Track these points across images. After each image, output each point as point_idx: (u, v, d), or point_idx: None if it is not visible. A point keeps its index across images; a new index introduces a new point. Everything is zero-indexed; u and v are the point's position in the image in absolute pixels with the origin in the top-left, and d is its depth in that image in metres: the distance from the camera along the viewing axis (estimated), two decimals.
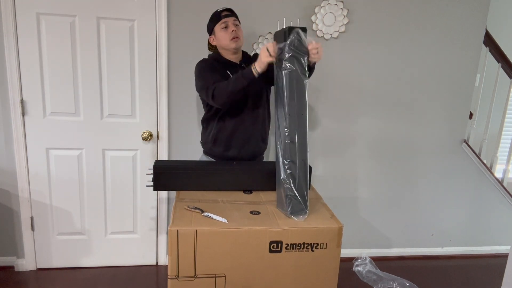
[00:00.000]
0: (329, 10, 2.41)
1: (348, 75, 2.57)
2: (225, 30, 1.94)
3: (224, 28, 1.94)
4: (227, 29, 1.93)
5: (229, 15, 1.95)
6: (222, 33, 1.95)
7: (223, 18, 1.94)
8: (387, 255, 2.94)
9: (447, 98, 2.72)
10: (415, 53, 2.60)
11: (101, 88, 2.35)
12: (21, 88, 2.28)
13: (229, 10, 1.98)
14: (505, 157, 3.11)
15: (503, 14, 3.46)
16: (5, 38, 2.19)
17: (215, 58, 2.01)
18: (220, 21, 1.94)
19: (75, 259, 2.57)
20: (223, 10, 1.97)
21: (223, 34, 1.94)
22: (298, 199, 1.61)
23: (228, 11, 1.97)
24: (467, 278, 2.71)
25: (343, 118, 2.63)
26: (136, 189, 2.53)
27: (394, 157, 2.76)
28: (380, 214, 2.86)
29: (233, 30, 1.93)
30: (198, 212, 1.60)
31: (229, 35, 1.93)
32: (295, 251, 1.54)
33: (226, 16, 1.94)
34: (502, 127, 2.96)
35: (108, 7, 2.24)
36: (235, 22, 1.96)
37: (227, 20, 1.94)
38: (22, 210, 2.43)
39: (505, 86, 2.96)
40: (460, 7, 2.56)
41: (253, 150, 2.06)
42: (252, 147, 2.05)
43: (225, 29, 1.93)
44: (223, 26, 1.93)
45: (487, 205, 2.97)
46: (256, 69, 1.71)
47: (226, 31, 1.93)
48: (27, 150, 2.36)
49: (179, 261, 1.48)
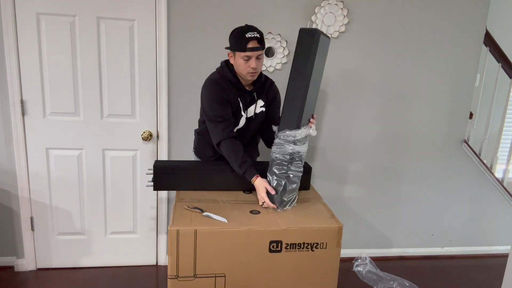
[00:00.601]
0: (329, 10, 2.41)
1: (348, 75, 2.57)
2: (244, 62, 1.76)
3: (245, 60, 1.76)
4: (248, 62, 1.76)
5: (255, 49, 1.73)
6: (241, 61, 1.77)
7: (248, 52, 1.73)
8: (387, 255, 2.94)
9: (447, 98, 2.72)
10: (415, 53, 2.60)
11: (101, 88, 2.35)
12: (21, 88, 2.28)
13: (257, 39, 1.73)
14: (505, 157, 3.11)
15: (503, 14, 3.46)
16: (5, 38, 2.19)
17: (228, 77, 1.85)
18: (243, 52, 1.73)
19: (75, 259, 2.57)
20: (251, 38, 1.71)
21: (241, 64, 1.77)
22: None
23: (255, 41, 1.72)
24: (467, 278, 2.71)
25: (343, 117, 2.63)
26: (136, 189, 2.53)
27: (394, 157, 2.76)
28: (380, 214, 2.86)
29: (253, 67, 1.76)
30: (198, 212, 1.60)
31: (248, 69, 1.78)
32: (295, 251, 1.54)
33: (252, 50, 1.73)
34: (502, 127, 2.96)
35: (108, 7, 2.24)
36: (260, 56, 1.77)
37: (251, 55, 1.74)
38: (22, 210, 2.43)
39: (505, 86, 2.96)
40: (460, 7, 2.56)
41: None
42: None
43: (246, 61, 1.76)
44: (246, 58, 1.75)
45: (487, 205, 2.97)
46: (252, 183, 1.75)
47: (245, 63, 1.76)
48: (27, 150, 2.36)
49: (179, 261, 1.48)
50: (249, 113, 1.94)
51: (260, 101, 1.96)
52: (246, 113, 1.93)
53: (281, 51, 2.43)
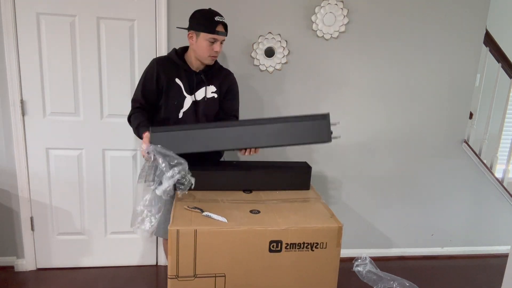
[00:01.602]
0: (329, 10, 2.41)
1: (348, 75, 2.57)
2: (209, 44, 1.81)
3: (209, 42, 1.80)
4: (213, 45, 1.81)
5: (223, 33, 1.82)
6: (205, 44, 1.81)
7: (216, 34, 1.79)
8: (387, 255, 2.94)
9: (447, 98, 2.72)
10: (415, 53, 2.60)
11: (101, 88, 2.35)
12: (21, 88, 2.28)
13: (224, 24, 1.82)
14: (505, 157, 3.11)
15: (503, 14, 3.46)
16: (5, 38, 2.19)
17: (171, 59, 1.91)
18: (211, 34, 1.79)
19: (75, 259, 2.56)
20: (219, 22, 1.79)
21: (205, 46, 1.81)
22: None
23: (222, 26, 1.82)
24: (467, 278, 2.71)
25: (343, 118, 2.63)
26: (136, 189, 2.53)
27: (394, 157, 2.76)
28: (380, 214, 2.86)
29: (217, 51, 1.82)
30: (198, 211, 1.60)
31: (211, 52, 1.83)
32: (295, 250, 1.54)
33: (220, 34, 1.80)
34: (502, 127, 2.96)
35: (108, 7, 2.24)
36: (223, 42, 1.85)
37: (218, 38, 1.80)
38: (22, 210, 2.42)
39: (505, 86, 2.95)
40: (460, 7, 2.56)
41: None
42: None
43: (210, 44, 1.81)
44: (212, 40, 1.80)
45: (487, 205, 2.97)
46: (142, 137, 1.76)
47: (209, 45, 1.81)
48: (27, 150, 2.36)
49: (179, 261, 1.48)
50: (198, 96, 1.94)
51: (212, 87, 1.96)
52: (194, 96, 1.92)
53: (281, 51, 2.43)
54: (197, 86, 1.93)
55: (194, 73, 1.92)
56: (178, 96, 1.92)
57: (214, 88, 1.96)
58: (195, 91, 1.93)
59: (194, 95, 1.93)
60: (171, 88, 1.91)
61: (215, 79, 1.96)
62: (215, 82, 1.96)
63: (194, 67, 1.92)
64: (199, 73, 1.92)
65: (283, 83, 2.52)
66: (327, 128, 1.67)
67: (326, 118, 1.67)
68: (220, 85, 1.98)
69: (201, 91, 1.94)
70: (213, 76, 1.96)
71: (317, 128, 1.66)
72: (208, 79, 1.94)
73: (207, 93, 1.95)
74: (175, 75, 1.91)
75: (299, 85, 2.53)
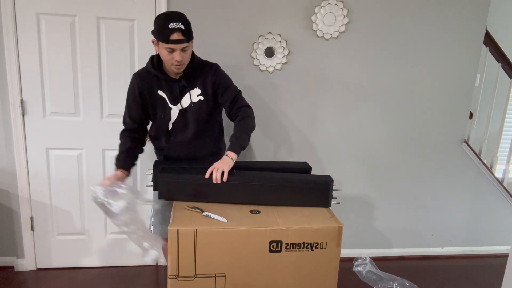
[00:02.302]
0: (329, 10, 2.41)
1: (348, 75, 2.57)
2: (169, 53, 1.67)
3: (169, 52, 1.66)
4: (172, 53, 1.67)
5: (179, 41, 1.62)
6: (164, 52, 1.67)
7: (171, 44, 1.63)
8: (387, 255, 2.94)
9: (447, 98, 2.72)
10: (415, 53, 2.60)
11: (101, 88, 2.35)
12: (21, 88, 2.28)
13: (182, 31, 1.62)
14: (505, 157, 3.11)
15: (503, 14, 3.46)
16: (5, 38, 2.19)
17: (148, 69, 1.81)
18: (166, 43, 1.63)
19: (75, 259, 2.56)
20: (174, 30, 1.60)
21: (165, 55, 1.68)
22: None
23: (179, 34, 1.61)
24: (467, 278, 2.71)
25: (343, 118, 2.63)
26: (136, 189, 2.52)
27: (394, 156, 2.76)
28: (380, 214, 2.86)
29: (178, 60, 1.67)
30: (198, 211, 1.60)
31: (172, 61, 1.69)
32: (295, 250, 1.54)
33: (176, 42, 1.62)
34: (502, 127, 2.96)
35: (108, 7, 2.24)
36: (185, 49, 1.67)
37: (174, 47, 1.64)
38: (22, 210, 2.42)
39: (505, 86, 2.95)
40: (460, 7, 2.56)
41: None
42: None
43: (169, 53, 1.67)
44: (169, 50, 1.66)
45: (487, 205, 2.97)
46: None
47: (169, 54, 1.67)
48: (27, 150, 2.36)
49: (179, 261, 1.48)
50: (184, 104, 1.84)
51: (197, 89, 1.84)
52: (180, 104, 1.84)
53: (281, 51, 2.43)
54: (181, 94, 1.83)
55: (175, 81, 1.81)
56: (164, 109, 1.85)
57: (198, 91, 1.85)
58: (180, 100, 1.84)
59: (180, 104, 1.84)
60: (156, 101, 1.84)
61: (197, 80, 1.84)
62: (198, 83, 1.85)
63: (173, 74, 1.81)
64: (179, 80, 1.81)
65: (283, 83, 2.52)
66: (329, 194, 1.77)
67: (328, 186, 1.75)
68: (204, 85, 1.85)
69: (186, 98, 1.84)
70: (195, 78, 1.84)
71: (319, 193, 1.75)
72: (190, 83, 1.83)
73: (192, 98, 1.85)
74: (157, 87, 1.82)
75: (299, 85, 2.53)
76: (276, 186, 1.72)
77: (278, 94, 2.53)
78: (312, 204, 1.75)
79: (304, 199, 1.74)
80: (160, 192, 1.73)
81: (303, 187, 1.73)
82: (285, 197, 1.73)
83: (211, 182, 1.69)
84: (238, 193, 1.71)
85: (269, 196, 1.72)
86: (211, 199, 1.72)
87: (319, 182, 1.74)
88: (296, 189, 1.72)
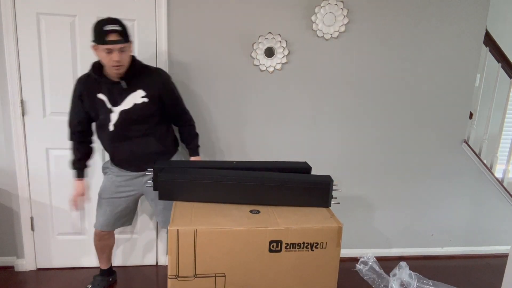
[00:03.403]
0: (329, 10, 2.41)
1: (348, 75, 2.57)
2: (107, 54, 1.74)
3: (107, 53, 1.74)
4: (110, 54, 1.74)
5: (116, 41, 1.71)
6: (103, 54, 1.75)
7: (108, 44, 1.71)
8: (387, 255, 2.94)
9: (447, 98, 2.72)
10: (415, 53, 2.60)
11: None
12: (21, 88, 2.28)
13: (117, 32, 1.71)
14: (505, 157, 3.11)
15: (503, 14, 3.46)
16: (5, 38, 2.19)
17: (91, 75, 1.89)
18: (104, 44, 1.71)
19: (75, 259, 2.56)
20: (110, 31, 1.69)
21: (104, 57, 1.76)
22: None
23: (116, 35, 1.70)
24: (467, 278, 2.71)
25: (343, 118, 2.63)
26: None
27: (394, 157, 2.76)
28: (380, 214, 2.86)
29: (116, 60, 1.73)
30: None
31: (111, 62, 1.75)
32: (295, 250, 1.54)
33: (112, 43, 1.71)
34: (502, 127, 2.96)
35: (108, 7, 2.24)
36: (123, 48, 1.75)
37: (111, 48, 1.72)
38: (22, 210, 2.43)
39: (505, 86, 2.96)
40: (460, 7, 2.56)
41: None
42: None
43: (108, 54, 1.74)
44: (107, 51, 1.73)
45: (487, 205, 2.97)
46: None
47: (107, 55, 1.74)
48: (27, 150, 2.36)
49: (179, 261, 1.48)
50: (127, 105, 1.90)
51: (140, 91, 1.90)
52: (121, 106, 1.90)
53: (281, 51, 2.43)
54: (121, 96, 1.89)
55: (115, 83, 1.88)
56: (104, 111, 1.92)
57: (143, 93, 1.91)
58: (120, 102, 1.90)
59: (120, 106, 1.90)
60: (95, 104, 1.92)
61: (141, 83, 1.91)
62: (142, 85, 1.91)
63: (113, 77, 1.87)
64: (118, 82, 1.87)
65: (283, 83, 2.52)
66: (329, 194, 1.76)
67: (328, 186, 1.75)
68: (148, 88, 1.92)
69: (129, 99, 1.90)
70: (139, 81, 1.90)
71: (319, 194, 1.75)
72: (132, 85, 1.89)
73: (136, 100, 1.90)
74: (97, 90, 1.90)
75: (299, 85, 2.53)
76: (276, 186, 1.72)
77: (278, 94, 2.53)
78: (312, 204, 1.75)
79: (304, 199, 1.73)
80: (160, 193, 1.73)
81: (303, 187, 1.72)
82: (285, 197, 1.73)
83: (211, 182, 1.69)
84: (238, 193, 1.71)
85: (269, 196, 1.72)
86: (211, 199, 1.72)
87: (319, 182, 1.74)
88: (296, 189, 1.72)
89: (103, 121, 1.94)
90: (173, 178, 1.71)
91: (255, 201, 1.73)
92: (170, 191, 1.72)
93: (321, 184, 1.74)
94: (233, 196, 1.72)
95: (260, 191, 1.72)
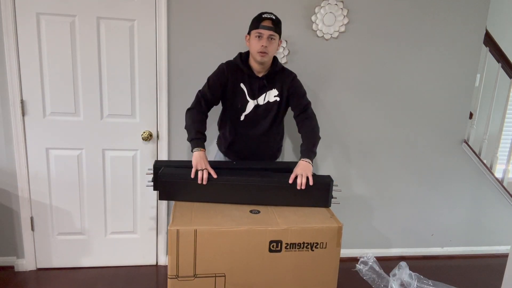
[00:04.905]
0: (329, 10, 2.41)
1: (348, 75, 2.57)
2: (257, 40, 1.88)
3: (257, 38, 1.88)
4: (260, 40, 1.88)
5: (268, 27, 1.87)
6: (254, 41, 1.90)
7: (261, 29, 1.87)
8: (387, 255, 2.94)
9: (447, 98, 2.72)
10: (415, 53, 2.60)
11: (101, 88, 2.35)
12: (21, 88, 2.28)
13: (272, 20, 1.89)
14: (505, 157, 3.11)
15: (503, 14, 3.46)
16: (5, 38, 2.19)
17: (237, 64, 1.98)
18: (257, 29, 1.88)
19: (75, 259, 2.56)
20: (266, 18, 1.88)
21: (254, 43, 1.90)
22: None
23: (270, 22, 1.88)
24: (467, 278, 2.71)
25: (343, 118, 2.63)
26: (136, 189, 2.52)
27: (394, 157, 2.76)
28: (380, 214, 2.86)
29: (264, 45, 1.86)
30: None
31: (259, 47, 1.88)
32: (295, 250, 1.54)
33: (265, 28, 1.87)
34: (502, 127, 2.96)
35: (108, 7, 2.24)
36: (272, 36, 1.89)
37: (263, 32, 1.87)
38: (22, 210, 2.42)
39: (505, 86, 2.96)
40: (460, 7, 2.56)
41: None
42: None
43: (258, 39, 1.88)
44: (257, 35, 1.88)
45: (487, 205, 2.97)
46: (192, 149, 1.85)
47: (257, 41, 1.88)
48: (27, 150, 2.36)
49: (179, 261, 1.48)
50: (260, 100, 2.01)
51: (274, 90, 2.01)
52: (256, 100, 2.00)
53: (281, 51, 2.43)
54: (259, 91, 1.99)
55: (257, 78, 1.98)
56: (242, 100, 2.00)
57: (276, 92, 2.02)
58: (257, 96, 2.00)
59: (256, 100, 2.00)
60: (237, 92, 1.99)
61: (277, 82, 2.01)
62: (277, 85, 2.01)
63: (256, 71, 1.98)
64: (262, 78, 1.98)
65: None
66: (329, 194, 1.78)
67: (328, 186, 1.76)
68: (282, 88, 2.02)
69: (264, 96, 2.01)
70: (275, 80, 2.01)
71: (319, 194, 1.77)
72: (270, 83, 2.00)
73: (270, 97, 2.01)
74: (240, 80, 1.99)
75: None
76: (276, 186, 1.72)
77: None
78: (312, 204, 1.75)
79: (304, 199, 1.74)
80: (160, 193, 1.73)
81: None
82: (285, 197, 1.73)
83: (211, 182, 1.70)
84: (238, 193, 1.72)
85: (269, 196, 1.73)
86: (211, 199, 1.72)
87: (319, 182, 1.75)
88: (296, 189, 1.72)
89: (238, 110, 2.02)
90: (173, 178, 1.71)
91: (255, 201, 1.73)
92: (170, 191, 1.72)
93: (321, 184, 1.75)
94: (233, 196, 1.72)
95: (260, 191, 1.72)
